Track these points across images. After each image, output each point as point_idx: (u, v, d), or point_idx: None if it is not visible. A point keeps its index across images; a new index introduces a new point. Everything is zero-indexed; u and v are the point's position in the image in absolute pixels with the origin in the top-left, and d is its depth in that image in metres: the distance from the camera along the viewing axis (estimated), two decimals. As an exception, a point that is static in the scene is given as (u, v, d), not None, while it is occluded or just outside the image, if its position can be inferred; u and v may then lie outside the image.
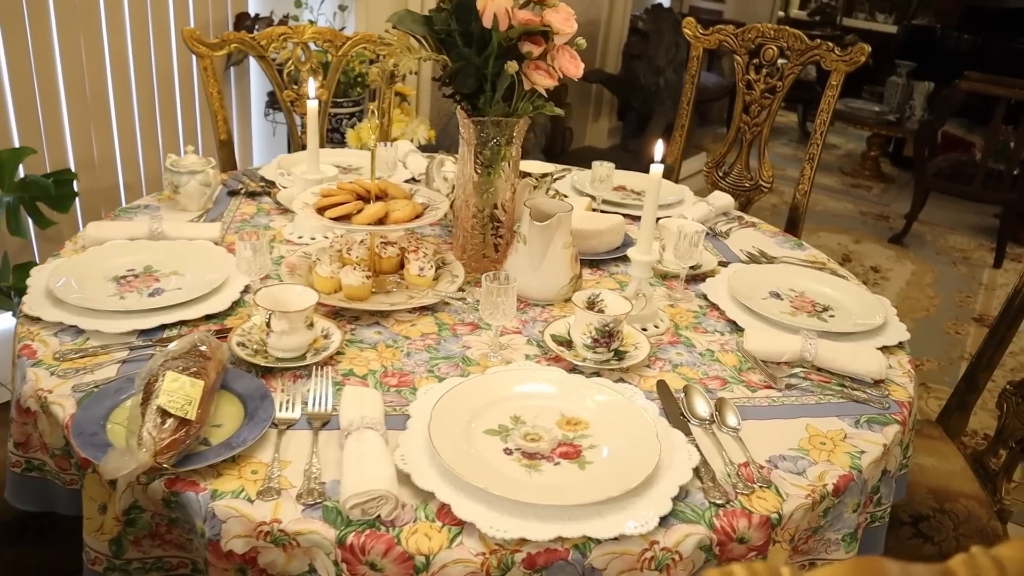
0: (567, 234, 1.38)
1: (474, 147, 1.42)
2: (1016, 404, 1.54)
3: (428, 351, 1.24)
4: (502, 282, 1.18)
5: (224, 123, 2.16)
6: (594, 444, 1.02)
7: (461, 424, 1.03)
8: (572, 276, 1.40)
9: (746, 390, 1.20)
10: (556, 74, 1.34)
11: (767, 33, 2.48)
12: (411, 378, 1.17)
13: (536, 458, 0.99)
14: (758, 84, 2.51)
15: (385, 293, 1.38)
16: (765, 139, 2.52)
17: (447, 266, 1.47)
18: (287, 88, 2.26)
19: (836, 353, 1.26)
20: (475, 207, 1.47)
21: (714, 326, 1.38)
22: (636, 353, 1.23)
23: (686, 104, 2.68)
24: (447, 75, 1.33)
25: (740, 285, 1.48)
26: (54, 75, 2.62)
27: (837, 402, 1.19)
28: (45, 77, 2.58)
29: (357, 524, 0.89)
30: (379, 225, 1.32)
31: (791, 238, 1.84)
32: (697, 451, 1.02)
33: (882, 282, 3.76)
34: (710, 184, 2.63)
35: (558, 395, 1.11)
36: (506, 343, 1.27)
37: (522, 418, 1.06)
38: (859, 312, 1.45)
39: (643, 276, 1.33)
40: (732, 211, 1.98)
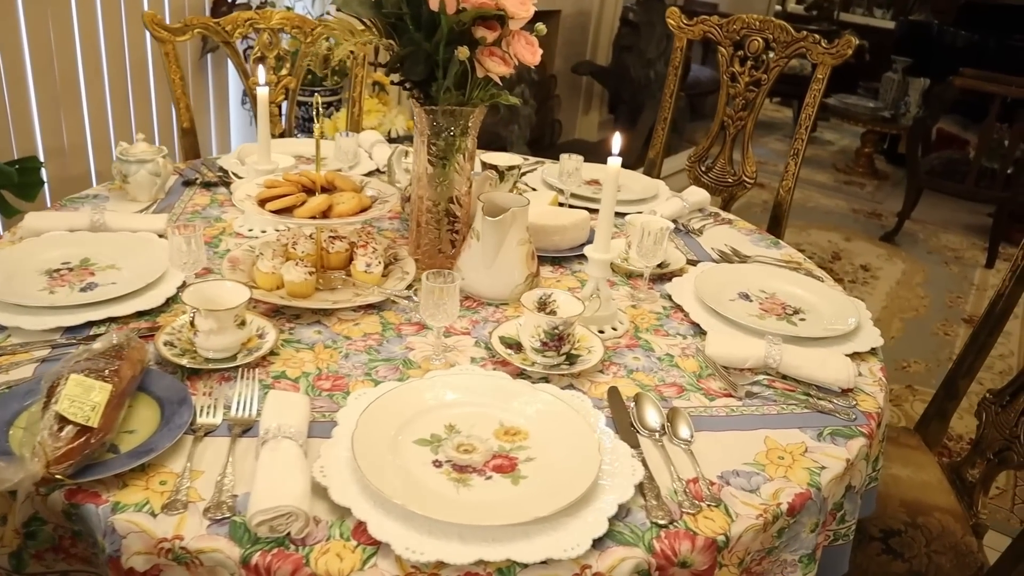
0: (523, 230, 1.31)
1: (427, 138, 1.35)
2: (995, 413, 1.47)
3: (368, 352, 1.17)
4: (445, 281, 1.10)
5: (187, 111, 2.09)
6: (532, 457, 0.95)
7: (390, 433, 0.96)
8: (528, 275, 1.33)
9: (704, 399, 1.13)
10: (512, 61, 1.27)
11: (752, 24, 2.40)
12: (346, 382, 1.10)
13: (467, 471, 0.92)
14: (743, 77, 2.44)
15: (330, 290, 1.31)
16: (749, 133, 2.45)
17: (398, 262, 1.40)
18: (253, 75, 2.18)
19: (802, 360, 1.19)
20: (429, 201, 1.40)
21: (677, 329, 1.31)
22: (589, 357, 1.16)
23: (669, 97, 2.62)
24: (395, 61, 1.25)
25: (707, 285, 1.41)
26: (21, 58, 2.54)
27: (800, 412, 1.12)
28: (11, 60, 2.50)
29: (264, 542, 0.82)
30: (321, 219, 1.25)
31: (768, 236, 1.77)
32: (642, 466, 0.95)
33: (871, 281, 3.69)
34: (692, 179, 2.56)
35: (499, 402, 1.04)
36: (452, 345, 1.20)
37: (457, 427, 0.99)
38: (832, 315, 1.37)
39: (600, 275, 1.26)
40: (708, 207, 1.90)
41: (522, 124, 3.51)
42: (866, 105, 4.96)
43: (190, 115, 2.09)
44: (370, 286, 1.30)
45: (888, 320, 3.34)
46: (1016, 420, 1.41)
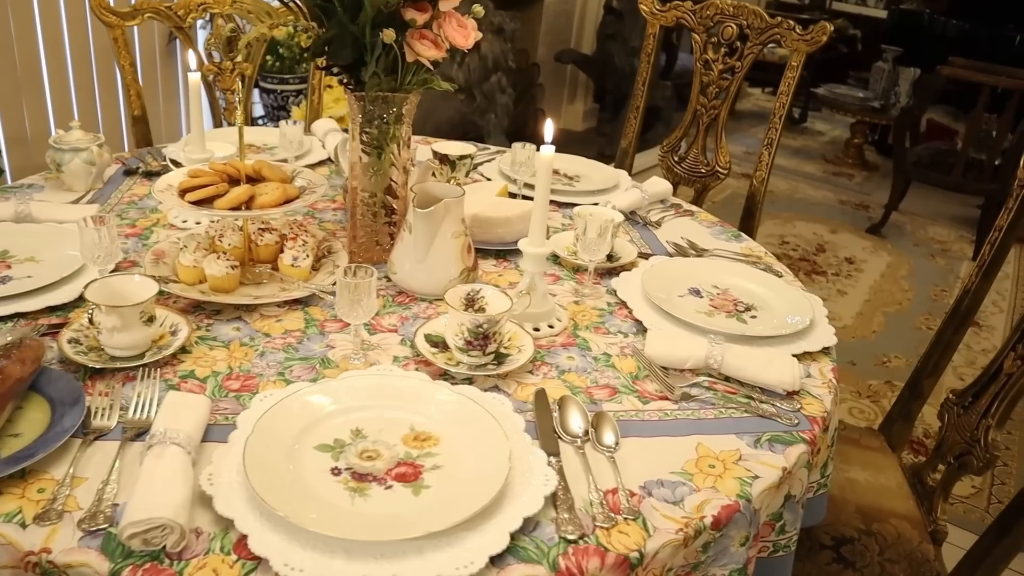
0: (457, 222, 1.25)
1: (359, 125, 1.28)
2: (957, 415, 1.41)
3: (286, 351, 1.11)
4: (360, 276, 1.04)
5: (138, 98, 2.02)
6: (439, 465, 0.89)
7: (289, 438, 0.90)
8: (463, 269, 1.27)
9: (637, 401, 1.07)
10: (444, 45, 1.20)
11: (726, 10, 2.33)
12: (256, 382, 1.04)
13: (366, 480, 0.86)
14: (716, 64, 2.37)
15: (256, 285, 1.25)
16: (722, 122, 2.38)
17: (331, 256, 1.34)
18: (208, 63, 2.11)
19: (745, 360, 1.12)
20: (365, 192, 1.34)
21: (619, 326, 1.25)
22: (518, 357, 1.10)
23: (642, 85, 2.54)
24: (320, 44, 1.18)
25: (655, 280, 1.34)
26: None
27: (739, 417, 1.06)
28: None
29: (138, 556, 0.76)
30: (240, 210, 1.19)
31: (730, 229, 1.71)
32: (557, 475, 0.89)
33: (855, 274, 3.63)
34: (665, 169, 2.50)
35: (412, 405, 0.98)
36: (376, 343, 1.14)
37: (364, 431, 0.93)
38: (785, 312, 1.31)
39: (536, 270, 1.20)
40: (670, 198, 1.84)
41: (499, 113, 3.45)
42: (855, 95, 4.88)
43: (141, 102, 2.03)
44: (297, 281, 1.24)
45: (870, 314, 3.28)
46: (977, 423, 1.35)
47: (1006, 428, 2.69)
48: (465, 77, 3.28)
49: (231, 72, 2.14)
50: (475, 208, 1.46)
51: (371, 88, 1.21)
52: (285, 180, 1.28)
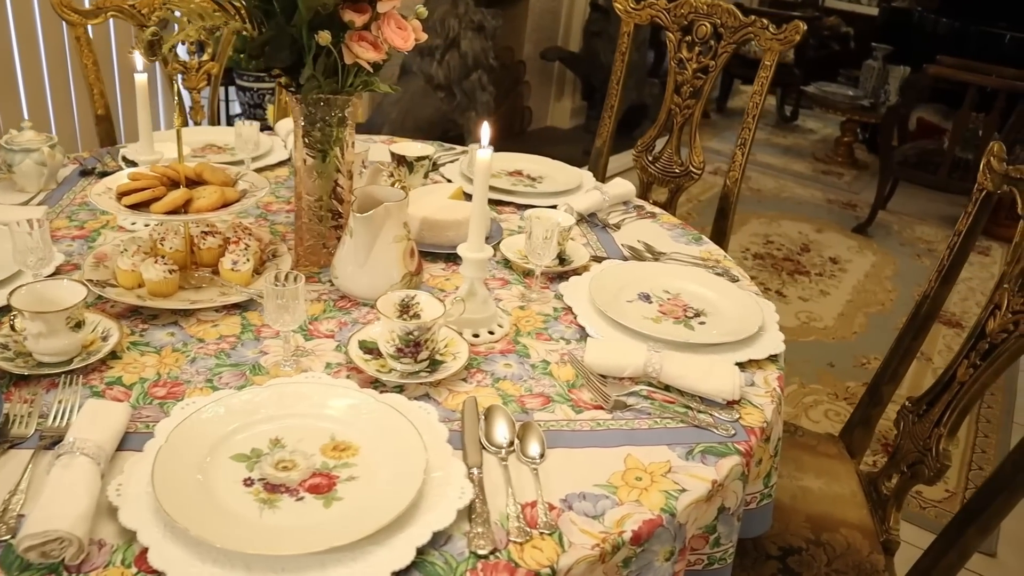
0: (399, 226, 1.23)
1: (302, 128, 1.27)
2: (912, 423, 1.40)
3: (217, 357, 1.09)
4: (286, 282, 1.03)
5: (101, 96, 2.01)
6: (354, 476, 0.88)
7: (206, 447, 0.89)
8: (405, 274, 1.25)
9: (570, 411, 1.05)
10: (383, 46, 1.18)
11: (700, 8, 2.31)
12: (183, 389, 1.02)
13: (279, 491, 0.85)
14: (690, 63, 2.35)
15: (195, 289, 1.24)
16: (696, 122, 2.36)
17: (276, 259, 1.33)
18: (172, 62, 2.10)
19: (684, 369, 1.11)
20: (310, 195, 1.32)
21: (562, 333, 1.23)
22: (451, 364, 1.08)
23: (616, 83, 2.53)
24: (256, 46, 1.17)
25: (605, 285, 1.33)
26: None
27: (674, 427, 1.04)
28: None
29: (35, 569, 0.75)
30: (176, 214, 1.17)
31: (691, 231, 1.69)
32: (473, 487, 0.87)
33: (839, 274, 3.61)
34: (639, 169, 2.48)
35: (335, 414, 0.96)
36: (311, 349, 1.13)
37: (283, 441, 0.92)
38: (736, 319, 1.29)
39: (474, 275, 1.18)
40: (633, 200, 1.82)
41: (480, 111, 3.43)
42: (845, 93, 4.85)
43: (104, 101, 2.01)
44: (235, 285, 1.23)
45: (851, 315, 3.26)
46: (930, 431, 1.33)
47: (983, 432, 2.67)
48: (445, 75, 3.27)
49: (197, 71, 2.13)
50: (425, 211, 1.44)
51: (309, 91, 1.19)
52: (227, 183, 1.26)
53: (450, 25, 3.23)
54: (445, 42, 3.24)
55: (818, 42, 5.48)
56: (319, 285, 1.31)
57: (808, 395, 2.71)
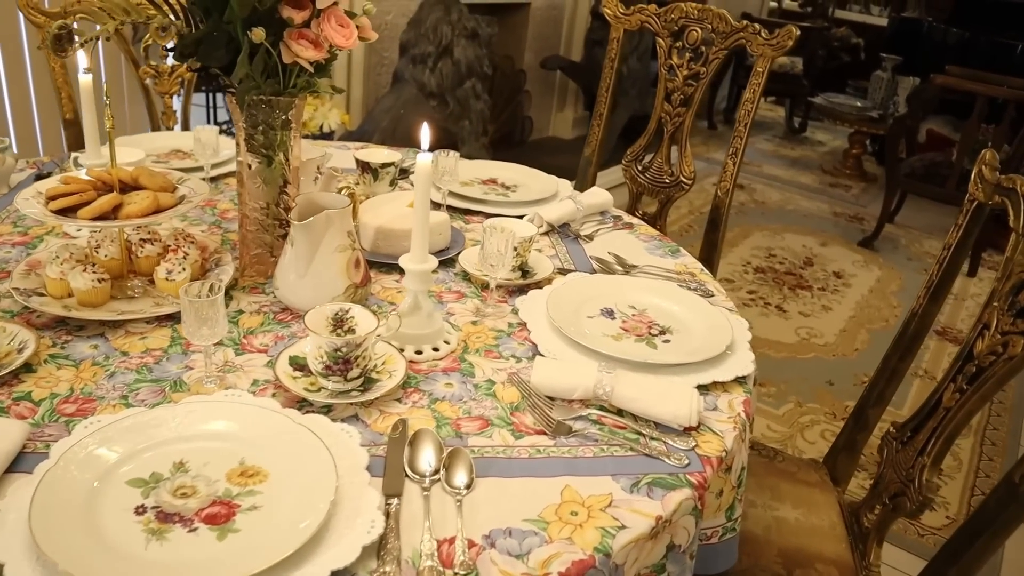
0: (342, 236, 1.16)
1: (244, 132, 1.20)
2: (896, 450, 1.31)
3: (138, 372, 1.03)
4: (204, 294, 0.96)
5: (69, 101, 1.96)
6: (258, 505, 0.80)
7: (101, 470, 0.82)
8: (349, 285, 1.18)
9: (509, 436, 0.97)
10: (324, 45, 1.11)
11: (691, 14, 2.24)
12: (95, 406, 0.96)
13: (171, 521, 0.78)
14: (681, 70, 2.28)
15: (128, 299, 1.17)
16: (687, 131, 2.28)
17: (218, 269, 1.26)
18: (144, 64, 2.05)
19: (638, 391, 1.03)
20: (255, 202, 1.25)
21: (514, 350, 1.16)
22: (385, 383, 1.01)
23: (605, 91, 2.46)
24: (188, 44, 1.10)
25: (566, 299, 1.25)
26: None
27: (622, 456, 0.96)
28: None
29: None
30: (103, 220, 1.11)
31: (669, 244, 1.61)
32: (387, 520, 0.80)
33: (842, 289, 3.51)
34: (629, 179, 2.40)
35: (250, 436, 0.89)
36: (241, 364, 1.06)
37: (188, 465, 0.85)
38: (704, 337, 1.21)
39: (418, 288, 1.11)
40: (611, 210, 1.74)
41: (475, 120, 3.36)
42: (853, 104, 4.75)
43: (73, 106, 1.96)
44: (169, 296, 1.16)
45: (854, 331, 3.16)
46: (913, 461, 1.24)
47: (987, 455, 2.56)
48: (438, 83, 3.21)
49: (170, 76, 2.08)
50: (380, 219, 1.37)
51: (245, 92, 1.12)
52: (165, 188, 1.20)
53: (443, 32, 3.17)
54: (438, 49, 3.18)
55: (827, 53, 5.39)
56: (262, 296, 1.24)
57: (805, 415, 2.62)
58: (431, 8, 3.20)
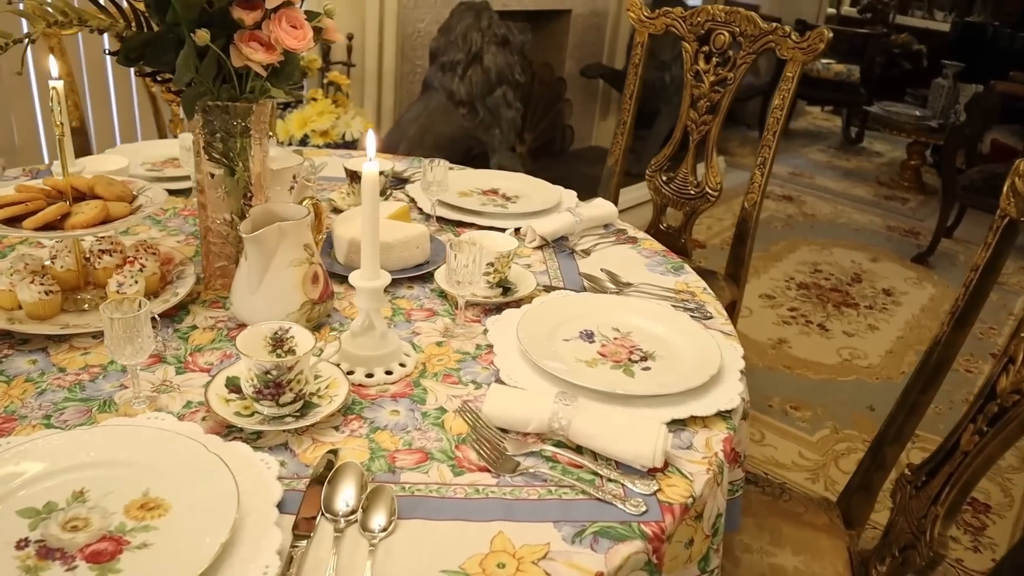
0: (298, 249, 1.10)
1: (203, 139, 1.15)
2: (909, 495, 1.18)
3: (70, 390, 0.97)
4: (124, 311, 0.90)
5: (75, 109, 1.95)
6: (149, 543, 0.74)
7: (-8, 502, 0.76)
8: (305, 302, 1.11)
9: (448, 472, 0.88)
10: (276, 47, 1.05)
11: (718, 17, 2.13)
12: (13, 426, 0.91)
13: (52, 558, 0.71)
14: (708, 76, 2.17)
15: (79, 313, 1.13)
16: (713, 140, 2.17)
17: (179, 282, 1.21)
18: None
19: (597, 426, 0.93)
20: (215, 212, 1.20)
21: (475, 375, 1.07)
22: (323, 409, 0.93)
23: (628, 99, 2.36)
24: (135, 47, 1.05)
25: (541, 319, 1.16)
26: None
27: (571, 499, 0.86)
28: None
29: None
30: (49, 231, 1.06)
31: (672, 260, 1.50)
32: (287, 565, 0.72)
33: (891, 307, 3.31)
34: (652, 189, 2.30)
35: (159, 464, 0.82)
36: (180, 384, 1.00)
37: (88, 494, 0.79)
38: (689, 365, 1.11)
39: (370, 306, 1.03)
40: (615, 223, 1.64)
41: (505, 128, 3.28)
42: (911, 113, 4.52)
43: (79, 113, 1.96)
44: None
45: (901, 352, 2.97)
46: (926, 509, 1.11)
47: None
48: (467, 91, 3.14)
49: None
50: (353, 231, 1.30)
51: (195, 98, 1.07)
52: (123, 198, 1.15)
53: (472, 39, 3.11)
54: (467, 57, 3.12)
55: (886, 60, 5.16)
56: (220, 312, 1.18)
57: (841, 442, 2.46)
58: (461, 15, 3.14)
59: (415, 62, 3.58)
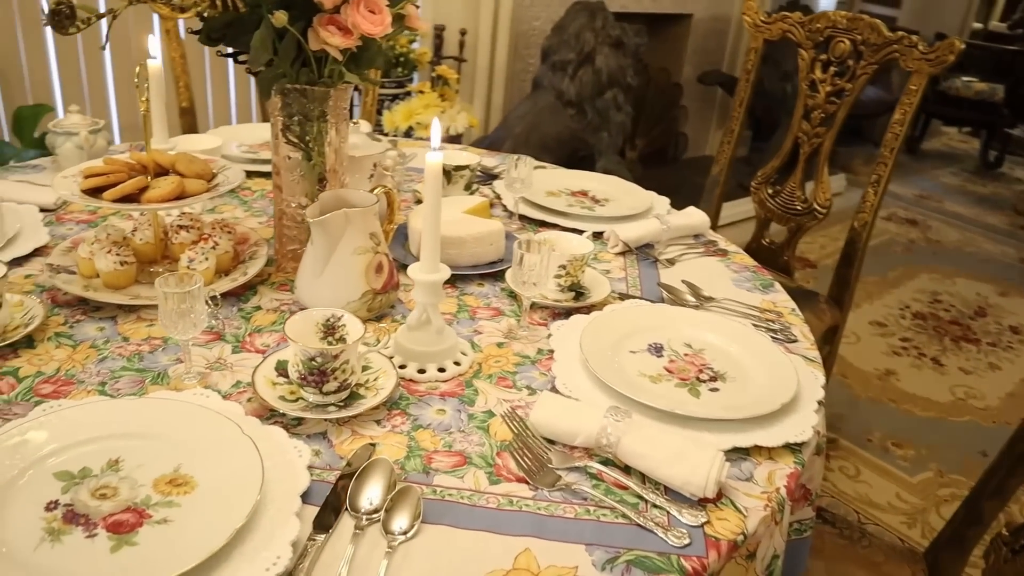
0: (363, 237, 1.08)
1: (280, 122, 1.15)
2: (1004, 559, 1.05)
3: (129, 359, 0.99)
4: (180, 285, 0.90)
5: (186, 89, 2.03)
6: (170, 519, 0.73)
7: (30, 459, 0.78)
8: (367, 291, 1.09)
9: (484, 479, 0.84)
10: (353, 32, 1.04)
11: (839, 23, 2.01)
12: (71, 389, 0.93)
13: (76, 523, 0.72)
14: (824, 86, 2.05)
15: (150, 285, 1.15)
16: (826, 154, 2.04)
17: (250, 262, 1.22)
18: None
19: (648, 446, 0.87)
20: (289, 196, 1.20)
21: (531, 380, 1.03)
22: (366, 401, 0.91)
23: (738, 107, 2.25)
24: (217, 27, 1.06)
25: (608, 328, 1.11)
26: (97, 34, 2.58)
27: (610, 522, 0.80)
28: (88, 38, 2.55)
29: None
30: (127, 203, 1.09)
31: (763, 277, 1.41)
32: (296, 559, 0.70)
33: (1018, 346, 3.04)
34: (757, 202, 2.19)
35: (192, 442, 0.82)
36: (234, 363, 1.00)
37: (122, 464, 0.79)
38: (761, 389, 1.02)
39: (427, 301, 1.00)
40: (707, 233, 1.56)
41: (613, 132, 3.21)
42: (1060, 139, 4.15)
43: (189, 94, 2.03)
44: (186, 284, 1.12)
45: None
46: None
47: None
48: (577, 91, 3.09)
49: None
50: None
51: (272, 80, 1.07)
52: (203, 176, 1.17)
53: (585, 39, 3.05)
54: (579, 57, 3.07)
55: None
56: (287, 295, 1.18)
57: (945, 487, 2.27)
58: (575, 14, 3.10)
59: (527, 60, 3.57)
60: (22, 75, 2.45)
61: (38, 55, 2.46)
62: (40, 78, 2.47)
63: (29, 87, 2.47)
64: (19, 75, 2.44)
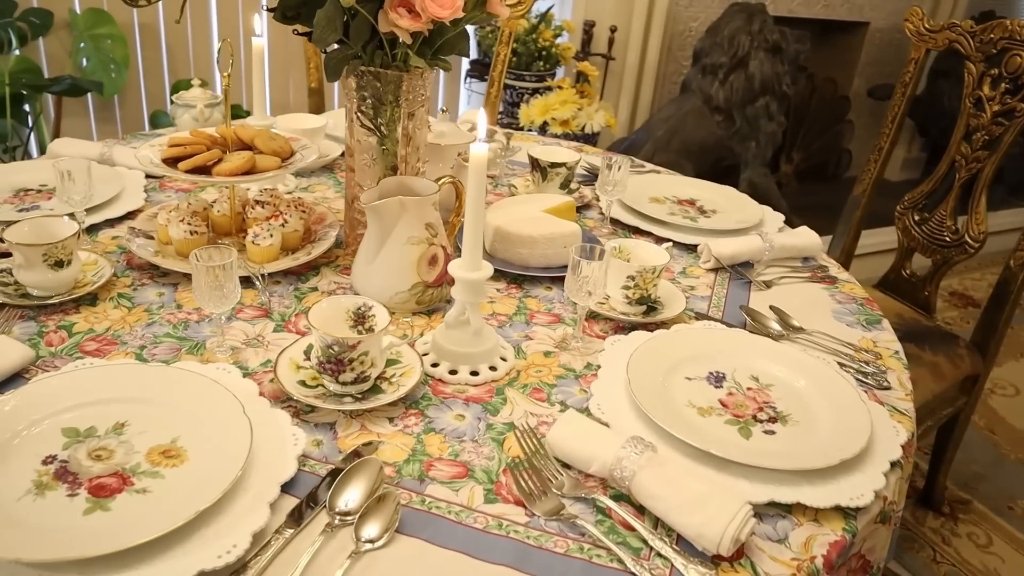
0: (418, 227, 1.05)
1: (355, 104, 1.14)
2: None
3: (175, 327, 1.02)
4: (215, 259, 0.91)
5: (316, 71, 2.09)
6: (149, 489, 0.73)
7: (48, 412, 0.81)
8: (417, 283, 1.06)
9: (480, 497, 0.79)
10: (423, 15, 1.00)
11: (1016, 35, 1.78)
12: (112, 349, 0.96)
13: (63, 480, 0.73)
14: (991, 104, 1.83)
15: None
16: (985, 181, 1.82)
17: (317, 242, 1.22)
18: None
19: (664, 486, 0.77)
20: (360, 179, 1.19)
21: (569, 396, 0.96)
22: (383, 397, 0.88)
23: (891, 121, 2.06)
24: (289, 6, 1.05)
25: (668, 349, 1.02)
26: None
27: (601, 565, 0.72)
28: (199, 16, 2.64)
29: None
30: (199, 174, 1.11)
31: (871, 311, 1.25)
32: (252, 548, 0.68)
33: None
34: (900, 229, 1.99)
35: (198, 414, 0.82)
36: (271, 341, 1.00)
37: (126, 427, 0.80)
38: (824, 438, 0.90)
39: (467, 299, 0.96)
40: (818, 257, 1.41)
41: (763, 142, 3.02)
42: None
43: (319, 75, 2.09)
44: (244, 259, 1.14)
45: None
46: None
47: None
48: (726, 97, 2.93)
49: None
50: (502, 219, 1.24)
51: (341, 61, 1.05)
52: (280, 153, 1.18)
53: (740, 43, 2.89)
54: (731, 61, 2.91)
55: None
56: (346, 278, 1.18)
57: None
58: (732, 16, 2.94)
59: (681, 62, 3.43)
60: (187, 51, 2.62)
61: (203, 32, 2.62)
62: (202, 51, 2.63)
63: (192, 61, 2.64)
64: (184, 51, 2.62)
